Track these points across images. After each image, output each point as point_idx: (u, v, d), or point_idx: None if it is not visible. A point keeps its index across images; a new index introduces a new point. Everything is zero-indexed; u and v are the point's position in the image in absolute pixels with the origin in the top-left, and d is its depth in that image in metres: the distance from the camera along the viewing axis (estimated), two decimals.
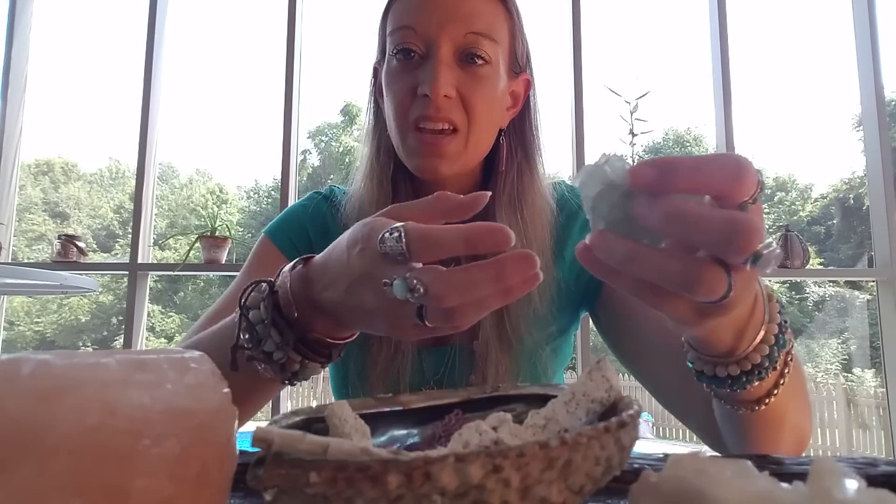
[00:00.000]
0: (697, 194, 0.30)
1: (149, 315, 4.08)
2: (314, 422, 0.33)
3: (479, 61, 0.67)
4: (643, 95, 2.26)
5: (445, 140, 0.67)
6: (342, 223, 0.75)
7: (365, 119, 0.79)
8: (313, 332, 0.44)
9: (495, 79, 0.69)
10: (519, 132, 0.76)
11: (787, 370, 0.43)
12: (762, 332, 0.39)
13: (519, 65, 0.74)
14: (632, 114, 2.26)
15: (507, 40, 0.71)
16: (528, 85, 0.76)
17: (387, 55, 0.71)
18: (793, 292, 11.48)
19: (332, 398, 0.81)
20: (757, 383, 0.41)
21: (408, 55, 0.68)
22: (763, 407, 0.43)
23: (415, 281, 0.35)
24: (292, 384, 0.48)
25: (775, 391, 0.43)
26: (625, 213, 0.32)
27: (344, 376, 0.77)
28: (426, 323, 0.37)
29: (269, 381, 0.47)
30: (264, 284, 0.46)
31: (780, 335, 0.40)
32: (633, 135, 2.27)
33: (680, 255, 0.31)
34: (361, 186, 0.75)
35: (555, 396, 0.34)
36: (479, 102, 0.67)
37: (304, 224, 0.78)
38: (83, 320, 11.83)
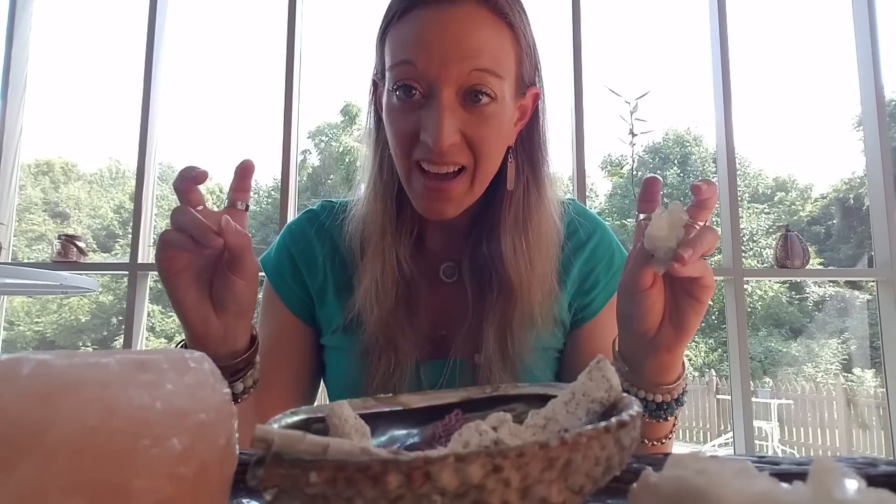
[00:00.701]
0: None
1: (149, 315, 4.07)
2: (314, 422, 0.33)
3: (485, 98, 0.63)
4: (643, 95, 2.26)
5: (452, 184, 0.65)
6: (347, 241, 0.75)
7: (366, 130, 0.77)
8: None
9: (501, 114, 0.66)
10: (527, 146, 0.73)
11: (673, 429, 0.64)
12: (682, 379, 0.60)
13: (526, 84, 0.71)
14: (632, 114, 2.25)
15: (514, 68, 0.67)
16: (537, 97, 0.73)
17: (387, 87, 0.67)
18: (793, 292, 11.48)
19: None
20: (668, 419, 0.60)
21: (408, 93, 0.64)
22: (657, 444, 0.63)
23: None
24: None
25: (669, 436, 0.64)
26: (673, 245, 0.52)
27: (340, 385, 0.77)
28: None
29: None
30: None
31: (683, 395, 0.60)
32: (633, 135, 2.27)
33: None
34: (365, 204, 0.74)
35: (555, 396, 0.34)
36: (484, 143, 0.65)
37: (292, 254, 0.79)
38: (83, 320, 11.83)
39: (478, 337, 0.70)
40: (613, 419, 0.25)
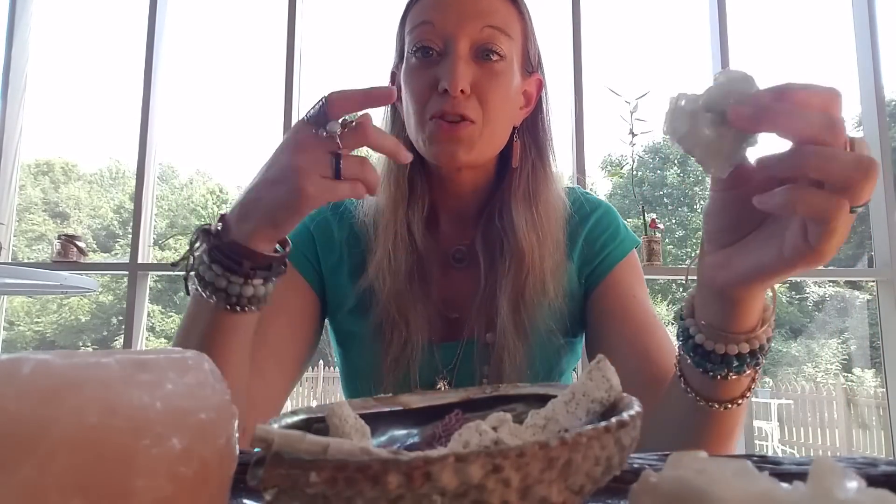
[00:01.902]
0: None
1: (149, 315, 4.07)
2: (314, 422, 0.33)
3: (495, 56, 0.70)
4: (643, 95, 2.26)
5: (461, 125, 0.68)
6: (360, 220, 0.78)
7: (382, 120, 0.81)
8: (235, 242, 0.52)
9: (509, 74, 0.71)
10: (532, 131, 0.78)
11: (754, 384, 0.51)
12: (770, 322, 0.47)
13: (531, 65, 0.77)
14: (632, 114, 2.25)
15: (521, 39, 0.74)
16: (541, 85, 0.78)
17: (406, 54, 0.73)
18: (793, 292, 11.48)
19: (334, 398, 0.83)
20: (747, 372, 0.48)
21: (426, 53, 0.70)
22: (734, 406, 0.50)
23: (343, 125, 0.50)
24: (243, 309, 0.54)
25: (748, 394, 0.51)
26: (718, 125, 0.37)
27: (354, 371, 0.78)
28: (341, 175, 0.50)
29: (220, 314, 0.54)
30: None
31: (760, 352, 0.48)
32: (633, 135, 2.27)
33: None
34: (379, 185, 0.77)
35: (555, 396, 0.34)
36: (493, 97, 0.69)
37: (310, 232, 0.80)
38: (83, 320, 11.84)
39: (491, 312, 0.72)
40: (613, 419, 0.25)
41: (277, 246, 0.56)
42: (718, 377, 0.47)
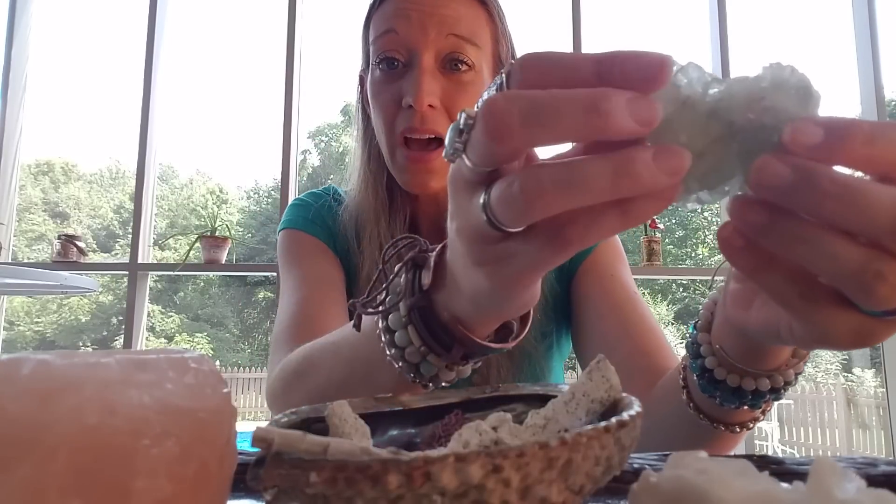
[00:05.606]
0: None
1: (149, 315, 4.08)
2: (314, 422, 0.33)
3: (463, 67, 0.67)
4: None
5: (432, 155, 0.67)
6: (342, 227, 0.77)
7: (355, 126, 0.80)
8: (442, 317, 0.37)
9: (479, 84, 0.69)
10: None
11: (768, 408, 0.43)
12: (805, 356, 0.40)
13: (504, 66, 0.74)
14: None
15: (491, 45, 0.71)
16: None
17: (370, 65, 0.71)
18: None
19: None
20: (763, 405, 0.41)
21: (391, 64, 0.68)
22: (743, 430, 0.44)
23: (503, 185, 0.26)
24: (424, 385, 0.40)
25: (761, 417, 0.44)
26: (711, 140, 0.24)
27: None
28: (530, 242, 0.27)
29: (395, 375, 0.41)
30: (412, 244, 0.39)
31: (781, 390, 0.40)
32: None
33: (854, 240, 0.23)
34: (357, 194, 0.76)
35: (555, 396, 0.34)
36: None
37: (316, 208, 0.79)
38: (83, 320, 11.84)
39: None
40: (613, 419, 0.25)
41: None
42: (759, 406, 0.40)
